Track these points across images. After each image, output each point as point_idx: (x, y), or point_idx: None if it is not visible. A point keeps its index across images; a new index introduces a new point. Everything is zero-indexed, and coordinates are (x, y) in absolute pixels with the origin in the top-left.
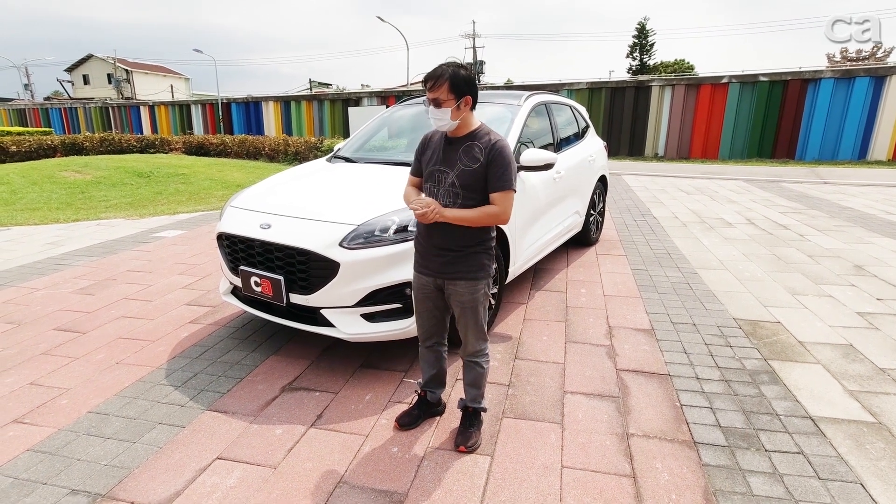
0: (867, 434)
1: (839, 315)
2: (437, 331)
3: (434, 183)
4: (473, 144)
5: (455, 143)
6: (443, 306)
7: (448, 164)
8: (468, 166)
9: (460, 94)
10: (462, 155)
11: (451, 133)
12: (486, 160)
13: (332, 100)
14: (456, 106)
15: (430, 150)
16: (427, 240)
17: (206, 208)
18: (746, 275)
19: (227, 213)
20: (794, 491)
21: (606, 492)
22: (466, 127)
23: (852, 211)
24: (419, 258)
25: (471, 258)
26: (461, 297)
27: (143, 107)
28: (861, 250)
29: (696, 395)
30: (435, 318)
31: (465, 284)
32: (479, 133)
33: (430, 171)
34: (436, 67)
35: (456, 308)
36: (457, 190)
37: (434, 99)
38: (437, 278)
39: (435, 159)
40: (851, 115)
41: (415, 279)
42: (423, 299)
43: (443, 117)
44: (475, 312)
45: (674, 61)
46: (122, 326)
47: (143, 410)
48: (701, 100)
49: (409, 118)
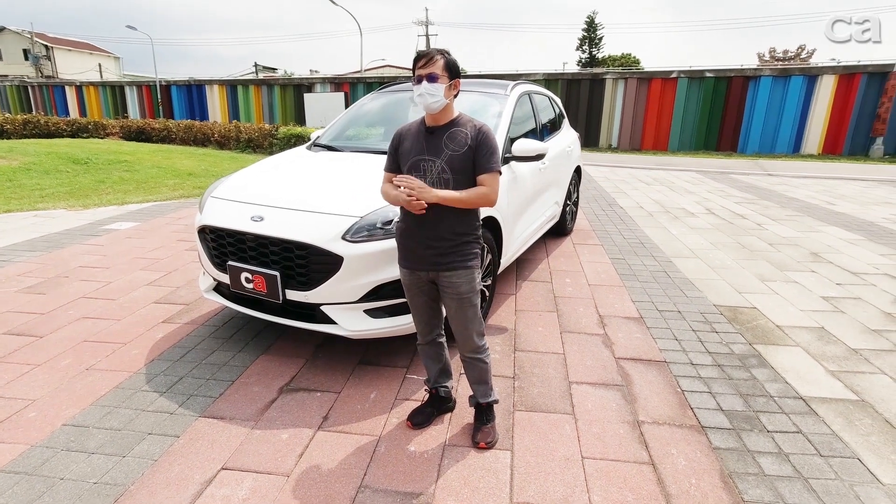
0: (854, 411)
1: (807, 300)
2: (436, 323)
3: (420, 173)
4: (458, 130)
5: (437, 131)
6: (437, 297)
7: (433, 152)
8: (456, 151)
9: (453, 75)
10: (447, 141)
11: (431, 122)
12: (475, 144)
13: (282, 85)
14: (449, 84)
15: (407, 142)
16: (418, 232)
17: (158, 198)
18: (717, 262)
19: (210, 205)
20: (802, 469)
21: (630, 480)
22: (449, 114)
23: (798, 201)
24: (407, 253)
25: (464, 247)
26: (459, 289)
27: (68, 87)
28: (814, 238)
29: (695, 380)
30: (432, 310)
31: (463, 274)
32: (460, 120)
33: (413, 162)
34: (429, 49)
35: (452, 302)
36: (447, 176)
37: (429, 74)
38: (430, 271)
39: (417, 150)
40: (787, 112)
41: (403, 275)
42: (418, 294)
43: (436, 93)
44: (473, 304)
45: (621, 55)
46: (84, 328)
47: (127, 420)
48: (652, 93)
49: (388, 105)
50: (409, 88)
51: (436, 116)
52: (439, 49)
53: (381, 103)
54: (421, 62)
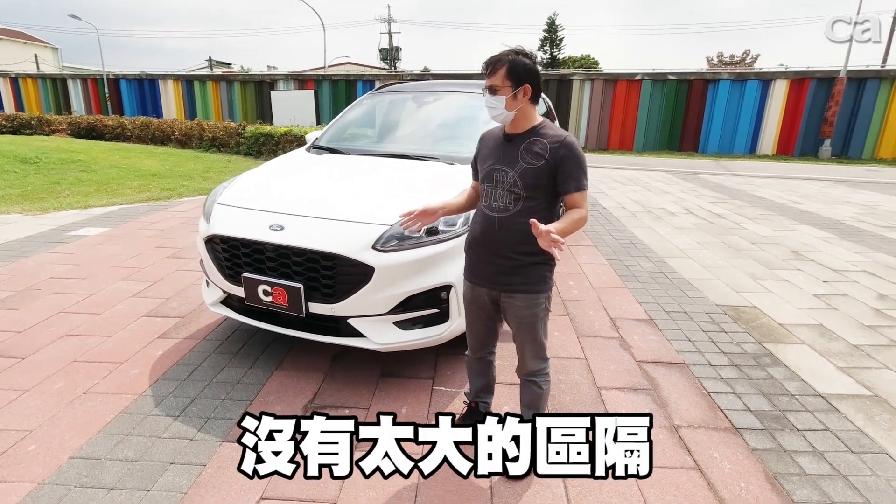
0: (871, 407)
1: (800, 297)
2: (489, 341)
3: (492, 184)
4: (536, 141)
5: (515, 140)
6: (497, 318)
7: (507, 162)
8: (531, 164)
9: (518, 82)
10: (524, 152)
11: (509, 129)
12: (556, 159)
13: (242, 81)
14: (512, 95)
15: (486, 149)
16: (484, 247)
17: (124, 201)
18: (708, 262)
19: (219, 212)
20: (839, 467)
21: (682, 487)
22: (527, 122)
23: (767, 201)
24: (472, 266)
25: (531, 269)
26: (518, 312)
27: (2, 79)
28: (791, 237)
29: (717, 381)
30: (489, 328)
31: (523, 298)
32: (540, 129)
33: (487, 170)
34: (496, 53)
35: (512, 324)
36: (518, 190)
37: (490, 86)
38: (491, 290)
39: (493, 158)
40: (744, 114)
41: (466, 289)
42: (477, 311)
43: (497, 106)
44: (534, 328)
45: (580, 56)
46: (71, 347)
47: (143, 450)
48: (617, 94)
49: (389, 106)
50: (407, 90)
51: (513, 124)
52: (507, 52)
53: (380, 104)
54: (486, 71)
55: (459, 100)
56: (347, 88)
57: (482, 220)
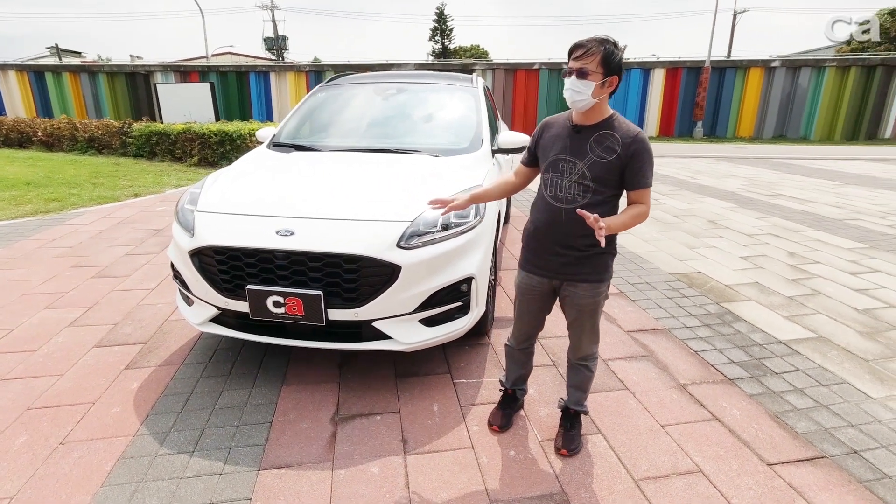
0: (821, 346)
1: (731, 260)
2: (535, 332)
3: (558, 174)
4: (608, 134)
5: (584, 131)
6: (549, 308)
7: (576, 153)
8: (602, 157)
9: (609, 71)
10: (594, 144)
11: (578, 120)
12: (628, 154)
13: (109, 73)
14: (601, 83)
15: (549, 136)
16: (549, 237)
17: (3, 217)
18: (647, 236)
19: (204, 221)
20: (818, 399)
21: (710, 436)
22: (600, 114)
23: (670, 178)
24: (531, 256)
25: (596, 259)
26: (581, 301)
27: None
28: (704, 209)
29: (698, 341)
30: (538, 320)
31: (587, 287)
32: (612, 122)
33: (552, 160)
34: (588, 37)
35: (572, 311)
36: (587, 182)
37: (580, 69)
38: (553, 279)
39: (558, 148)
40: (631, 99)
41: (523, 279)
42: (531, 301)
43: (583, 91)
44: (593, 315)
45: (470, 46)
46: (17, 392)
47: (170, 494)
48: (518, 83)
49: (348, 100)
50: (365, 81)
51: (584, 114)
52: (600, 39)
53: (339, 97)
54: (576, 53)
55: (425, 92)
56: (239, 80)
57: (546, 210)
